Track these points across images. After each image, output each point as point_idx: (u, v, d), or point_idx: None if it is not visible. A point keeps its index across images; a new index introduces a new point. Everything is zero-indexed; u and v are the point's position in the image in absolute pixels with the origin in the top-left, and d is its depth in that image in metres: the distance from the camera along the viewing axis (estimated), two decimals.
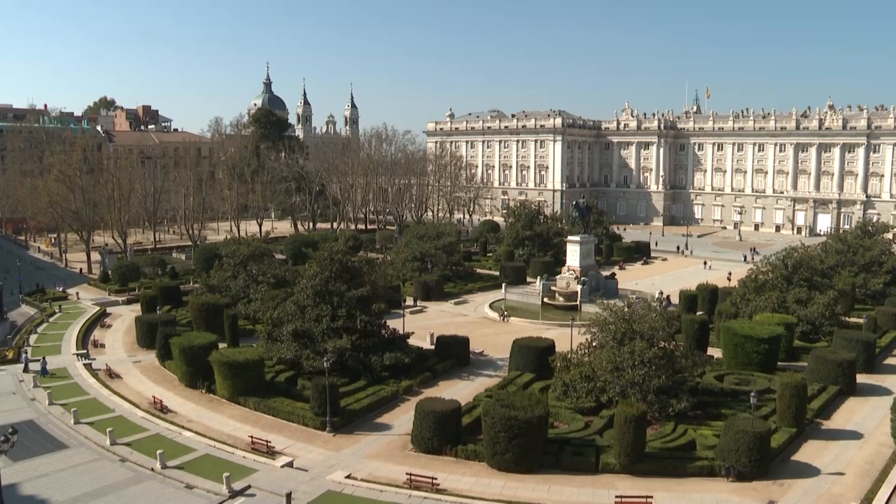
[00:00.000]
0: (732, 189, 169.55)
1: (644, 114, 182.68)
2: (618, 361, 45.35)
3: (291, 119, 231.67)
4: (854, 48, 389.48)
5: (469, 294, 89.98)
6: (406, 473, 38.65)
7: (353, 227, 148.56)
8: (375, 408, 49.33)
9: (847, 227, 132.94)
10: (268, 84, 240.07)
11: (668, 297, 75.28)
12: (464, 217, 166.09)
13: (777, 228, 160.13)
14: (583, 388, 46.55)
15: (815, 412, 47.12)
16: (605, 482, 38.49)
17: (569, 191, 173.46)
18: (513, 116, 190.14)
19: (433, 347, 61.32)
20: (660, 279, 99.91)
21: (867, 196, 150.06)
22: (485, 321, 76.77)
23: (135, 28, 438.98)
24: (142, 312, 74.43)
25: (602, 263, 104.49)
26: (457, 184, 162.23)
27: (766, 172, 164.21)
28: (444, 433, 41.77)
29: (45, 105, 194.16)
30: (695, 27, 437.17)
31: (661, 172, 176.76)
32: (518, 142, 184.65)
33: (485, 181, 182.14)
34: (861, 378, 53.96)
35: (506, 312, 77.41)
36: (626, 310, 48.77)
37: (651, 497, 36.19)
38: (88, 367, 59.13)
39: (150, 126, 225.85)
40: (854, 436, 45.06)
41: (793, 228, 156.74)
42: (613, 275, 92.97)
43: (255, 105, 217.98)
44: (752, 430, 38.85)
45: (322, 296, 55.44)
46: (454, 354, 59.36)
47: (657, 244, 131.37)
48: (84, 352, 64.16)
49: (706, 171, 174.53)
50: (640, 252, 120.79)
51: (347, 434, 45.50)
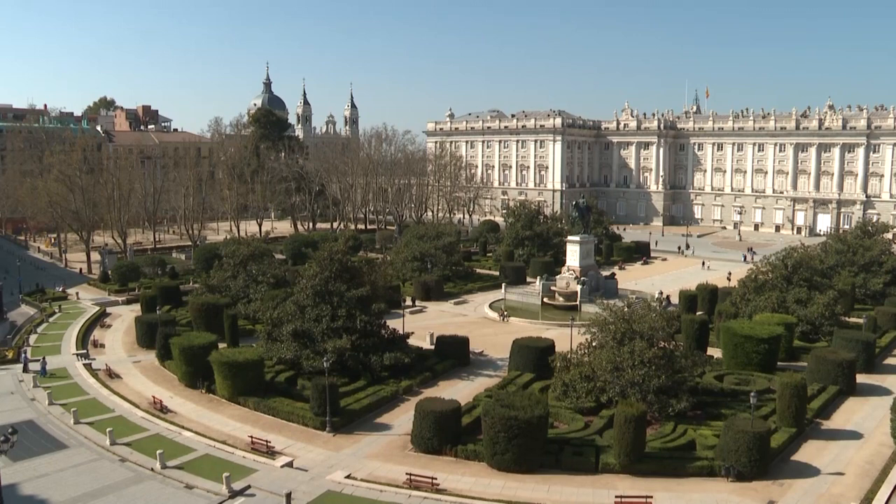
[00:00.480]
0: (732, 189, 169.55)
1: (644, 114, 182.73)
2: (618, 361, 45.37)
3: (291, 119, 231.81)
4: (854, 48, 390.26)
5: (469, 294, 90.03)
6: (406, 473, 38.67)
7: (353, 227, 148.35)
8: (375, 408, 49.35)
9: (847, 227, 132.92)
10: (268, 84, 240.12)
11: (668, 297, 75.35)
12: (464, 217, 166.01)
13: (777, 228, 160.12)
14: (583, 388, 46.57)
15: (815, 412, 47.14)
16: (605, 482, 38.50)
17: (569, 191, 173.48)
18: (513, 116, 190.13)
19: (433, 347, 61.34)
20: (659, 279, 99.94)
21: (867, 196, 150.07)
22: (485, 321, 76.78)
23: (135, 28, 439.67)
24: (142, 312, 74.44)
25: (602, 263, 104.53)
26: (457, 184, 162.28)
27: (766, 172, 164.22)
28: (444, 433, 41.78)
29: (45, 105, 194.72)
30: (695, 27, 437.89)
31: (661, 172, 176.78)
32: (518, 142, 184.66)
33: (484, 181, 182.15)
34: (861, 378, 54.00)
35: (505, 312, 77.42)
36: (626, 310, 48.79)
37: (651, 497, 36.21)
38: (88, 367, 59.13)
39: (150, 126, 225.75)
40: (854, 436, 45.08)
41: (793, 228, 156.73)
42: (613, 275, 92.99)
43: (255, 105, 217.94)
44: (752, 430, 38.86)
45: (322, 296, 55.45)
46: (454, 354, 59.38)
47: (657, 244, 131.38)
48: (84, 352, 64.15)
49: (706, 171, 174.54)
50: (640, 252, 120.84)
51: (347, 434, 45.51)
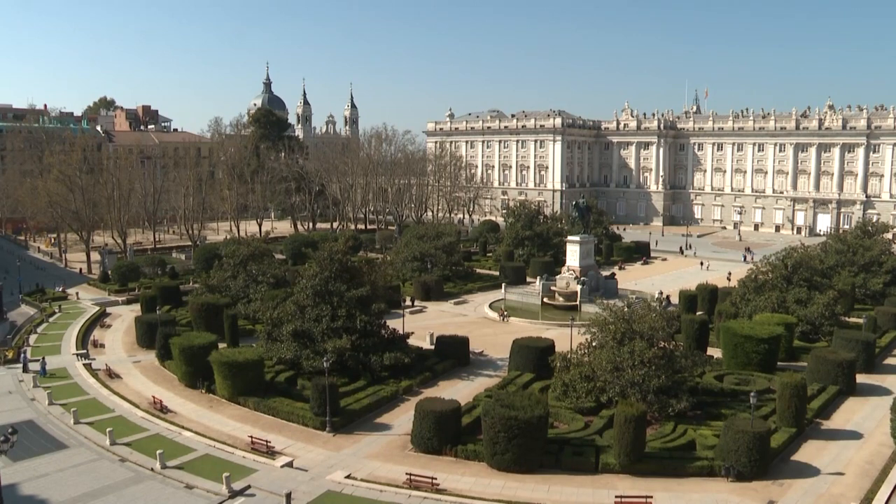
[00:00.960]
0: (732, 189, 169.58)
1: (644, 114, 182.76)
2: (617, 361, 45.36)
3: (291, 119, 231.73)
4: (854, 48, 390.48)
5: (469, 294, 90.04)
6: (406, 473, 38.66)
7: (353, 227, 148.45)
8: (375, 408, 49.35)
9: (847, 227, 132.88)
10: (268, 84, 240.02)
11: (668, 297, 75.28)
12: (464, 217, 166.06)
13: (777, 228, 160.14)
14: (582, 388, 46.56)
15: (815, 412, 47.13)
16: (605, 482, 38.50)
17: (568, 191, 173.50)
18: (512, 116, 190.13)
19: (433, 347, 61.34)
20: (659, 279, 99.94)
21: (867, 196, 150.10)
22: (484, 321, 76.77)
23: (135, 28, 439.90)
24: (141, 312, 74.36)
25: (602, 263, 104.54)
26: (457, 184, 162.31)
27: (766, 172, 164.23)
28: (444, 433, 41.78)
29: (45, 105, 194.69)
30: (695, 27, 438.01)
31: (661, 172, 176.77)
32: (518, 142, 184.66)
33: (484, 181, 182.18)
34: (861, 378, 54.00)
35: (505, 312, 77.42)
36: (626, 310, 48.79)
37: (651, 497, 36.21)
38: (88, 367, 59.12)
39: (150, 126, 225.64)
40: (854, 436, 45.08)
41: (792, 228, 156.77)
42: (613, 275, 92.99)
43: (255, 105, 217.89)
44: (752, 430, 38.86)
45: (322, 296, 55.43)
46: (454, 354, 59.37)
47: (657, 244, 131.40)
48: (84, 352, 64.13)
49: (706, 171, 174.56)
50: (640, 252, 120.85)
51: (347, 434, 45.51)
